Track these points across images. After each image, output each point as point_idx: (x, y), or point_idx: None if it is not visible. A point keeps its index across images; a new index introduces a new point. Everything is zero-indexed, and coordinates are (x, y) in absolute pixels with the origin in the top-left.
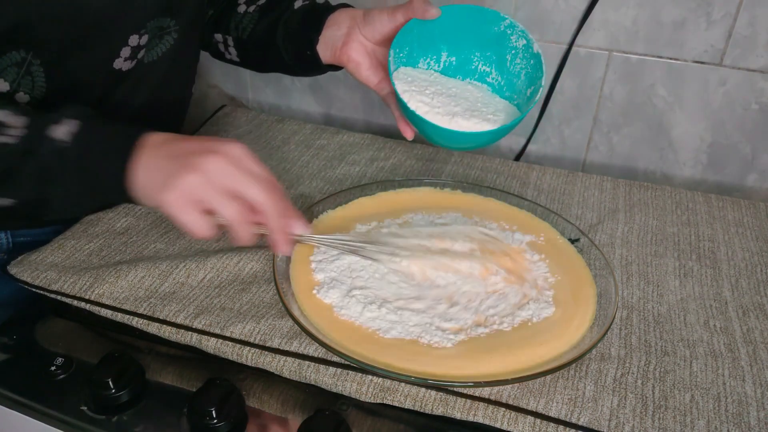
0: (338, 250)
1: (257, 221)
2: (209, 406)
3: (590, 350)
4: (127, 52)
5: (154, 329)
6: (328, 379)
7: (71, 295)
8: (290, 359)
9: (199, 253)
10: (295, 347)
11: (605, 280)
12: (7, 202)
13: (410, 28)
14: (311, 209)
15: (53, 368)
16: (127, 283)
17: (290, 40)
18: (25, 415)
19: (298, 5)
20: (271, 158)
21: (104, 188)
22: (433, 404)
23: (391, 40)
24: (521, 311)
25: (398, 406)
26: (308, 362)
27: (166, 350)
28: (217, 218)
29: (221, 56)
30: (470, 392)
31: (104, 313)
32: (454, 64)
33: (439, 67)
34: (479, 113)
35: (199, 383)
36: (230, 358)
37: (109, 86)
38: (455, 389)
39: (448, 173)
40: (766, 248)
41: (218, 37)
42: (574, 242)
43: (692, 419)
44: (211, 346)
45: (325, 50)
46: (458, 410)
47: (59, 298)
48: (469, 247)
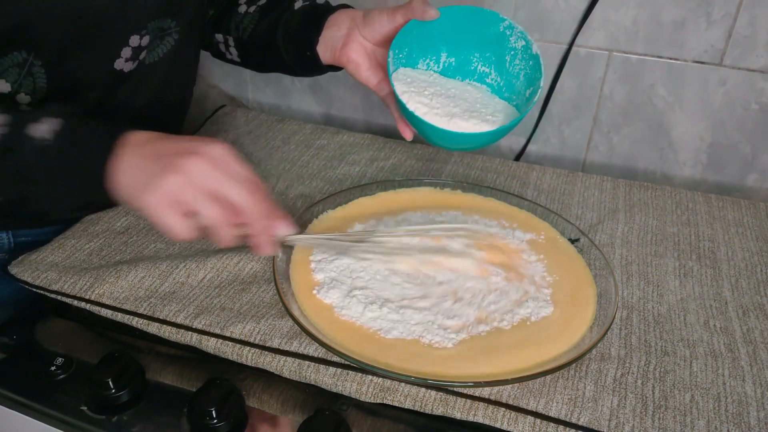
0: (326, 249)
1: (240, 223)
2: (209, 406)
3: (590, 350)
4: (128, 52)
5: (154, 329)
6: (328, 379)
7: (71, 295)
8: (290, 359)
9: (199, 253)
10: (295, 347)
11: (605, 280)
12: None
13: (409, 29)
14: (311, 209)
15: (53, 368)
16: (127, 283)
17: (290, 40)
18: (25, 415)
19: (298, 6)
20: (271, 158)
21: (85, 187)
22: (433, 404)
23: (390, 40)
24: (520, 309)
25: (398, 406)
26: (308, 362)
27: (166, 350)
28: (198, 220)
29: (222, 56)
30: (470, 392)
31: (104, 313)
32: (453, 64)
33: (438, 67)
34: (478, 114)
35: (199, 383)
36: (230, 358)
37: (110, 87)
38: (455, 389)
39: (448, 173)
40: (766, 248)
41: (219, 37)
42: (574, 242)
43: (692, 419)
44: (211, 346)
45: (325, 51)
46: (458, 410)
47: (59, 298)
48: (462, 243)
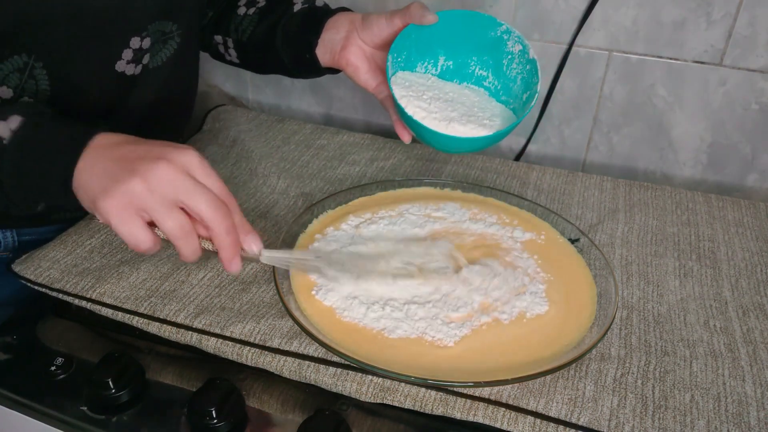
0: (295, 269)
1: (205, 236)
2: (209, 406)
3: (590, 350)
4: (128, 54)
5: (154, 329)
6: (328, 379)
7: (73, 293)
8: (290, 359)
9: None
10: (295, 347)
11: (605, 280)
12: None
13: (408, 33)
14: (311, 209)
15: (53, 368)
16: (128, 283)
17: (289, 43)
18: (25, 415)
19: (297, 8)
20: (271, 158)
21: (43, 189)
22: (433, 404)
23: (389, 44)
24: (518, 301)
25: (398, 406)
26: (308, 362)
27: (166, 350)
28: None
29: (221, 57)
30: (470, 392)
31: (105, 312)
32: (451, 68)
33: (436, 71)
34: (475, 118)
35: (199, 383)
36: (230, 358)
37: (115, 90)
38: (455, 389)
39: (448, 173)
40: (766, 248)
41: (218, 38)
42: (574, 242)
43: (692, 419)
44: (211, 345)
45: (323, 54)
46: (458, 410)
47: (61, 296)
48: (444, 263)
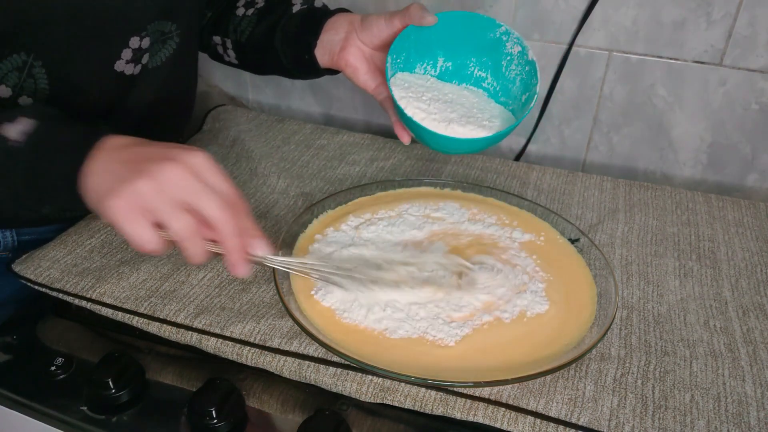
0: (304, 275)
1: (213, 239)
2: (209, 406)
3: (590, 350)
4: (128, 54)
5: (154, 329)
6: (328, 379)
7: (73, 293)
8: (290, 359)
9: None
10: (295, 347)
11: (605, 280)
12: None
13: (407, 34)
14: (311, 209)
15: (53, 368)
16: (128, 283)
17: (288, 44)
18: (25, 415)
19: (296, 9)
20: (271, 158)
21: (54, 191)
22: (433, 404)
23: (388, 45)
24: (519, 300)
25: (398, 406)
26: (308, 362)
27: (166, 350)
28: (167, 232)
29: (220, 58)
30: (470, 392)
31: (105, 312)
32: (450, 69)
33: (435, 72)
34: (475, 119)
35: (199, 383)
36: (230, 358)
37: (114, 90)
38: (455, 389)
39: (448, 173)
40: (766, 248)
41: (217, 39)
42: (574, 242)
43: (692, 419)
44: (211, 345)
45: (323, 54)
46: (458, 410)
47: (60, 296)
48: (444, 272)
